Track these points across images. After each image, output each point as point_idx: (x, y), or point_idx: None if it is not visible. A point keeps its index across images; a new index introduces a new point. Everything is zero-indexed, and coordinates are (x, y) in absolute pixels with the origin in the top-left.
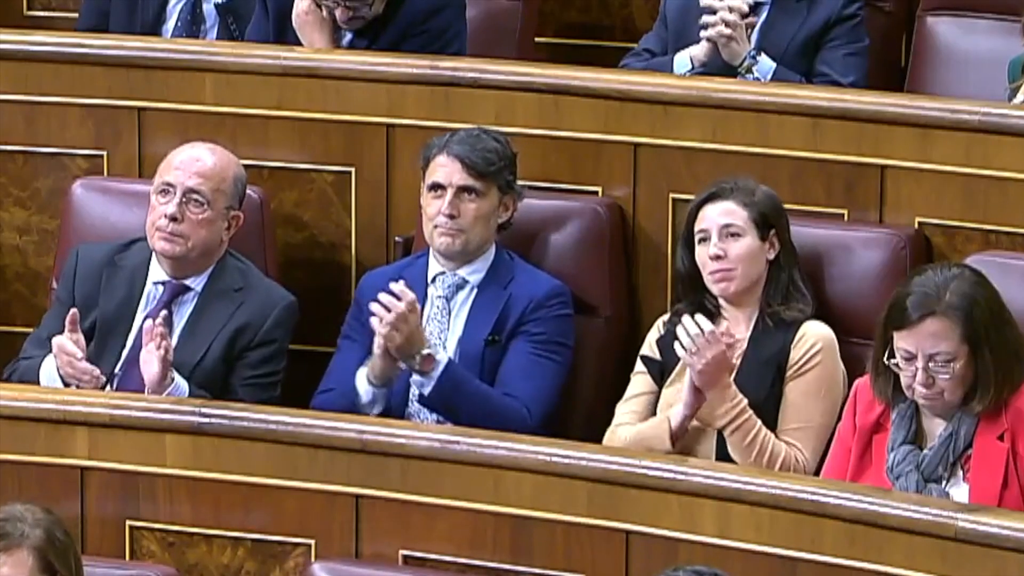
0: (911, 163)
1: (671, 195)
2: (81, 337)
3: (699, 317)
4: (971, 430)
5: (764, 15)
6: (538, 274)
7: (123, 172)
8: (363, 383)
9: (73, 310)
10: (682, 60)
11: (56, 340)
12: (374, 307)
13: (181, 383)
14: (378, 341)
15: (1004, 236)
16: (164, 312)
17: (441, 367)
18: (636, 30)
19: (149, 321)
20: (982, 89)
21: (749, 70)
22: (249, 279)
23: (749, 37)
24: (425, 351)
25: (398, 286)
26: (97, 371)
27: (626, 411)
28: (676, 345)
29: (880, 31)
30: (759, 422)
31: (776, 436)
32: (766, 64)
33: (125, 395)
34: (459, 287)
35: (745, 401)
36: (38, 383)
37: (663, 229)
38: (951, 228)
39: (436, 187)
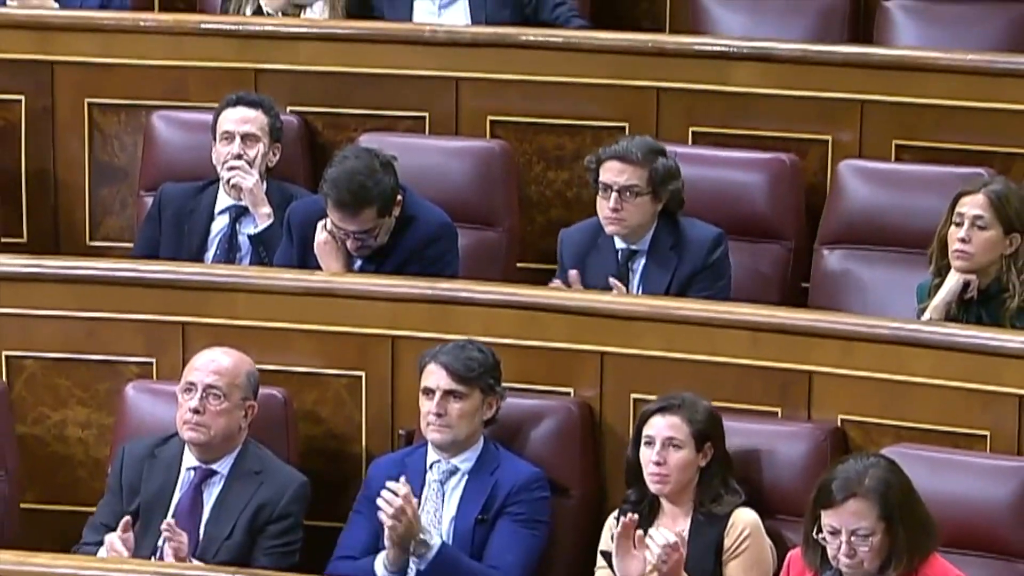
0: (835, 370)
1: (632, 395)
2: (131, 536)
3: (663, 531)
4: None
5: (642, 262)
6: (519, 462)
7: (169, 376)
8: (380, 568)
9: (127, 518)
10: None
11: (108, 539)
12: (380, 502)
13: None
14: (388, 534)
15: (913, 431)
16: (172, 519)
17: (434, 551)
18: None
19: (167, 522)
20: (875, 309)
21: None
22: (267, 463)
23: (628, 285)
24: (421, 536)
25: (395, 484)
26: None
27: None
28: (647, 554)
29: (784, 263)
30: None
31: None
32: None
33: (169, 564)
34: (452, 473)
35: None
36: None
37: (625, 424)
38: (868, 424)
39: (427, 391)
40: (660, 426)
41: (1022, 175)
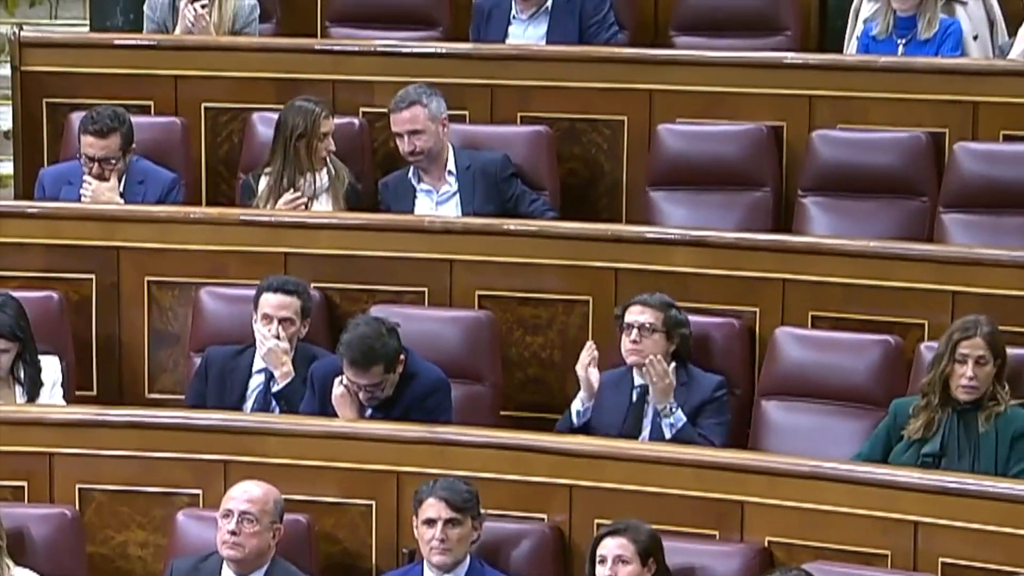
0: (763, 500)
1: (596, 521)
2: None
3: None
4: None
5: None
6: None
7: (214, 505)
8: None
9: None
10: (575, 405)
11: None
12: None
13: None
14: None
15: (828, 551)
16: None
17: None
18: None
19: None
20: (803, 450)
21: (668, 415)
22: None
23: (643, 415)
24: None
25: None
26: None
27: None
28: None
29: (737, 408)
30: None
31: None
32: (680, 417)
33: None
34: None
35: None
36: None
37: (588, 545)
38: (791, 545)
39: (430, 521)
40: (611, 546)
41: (916, 342)
